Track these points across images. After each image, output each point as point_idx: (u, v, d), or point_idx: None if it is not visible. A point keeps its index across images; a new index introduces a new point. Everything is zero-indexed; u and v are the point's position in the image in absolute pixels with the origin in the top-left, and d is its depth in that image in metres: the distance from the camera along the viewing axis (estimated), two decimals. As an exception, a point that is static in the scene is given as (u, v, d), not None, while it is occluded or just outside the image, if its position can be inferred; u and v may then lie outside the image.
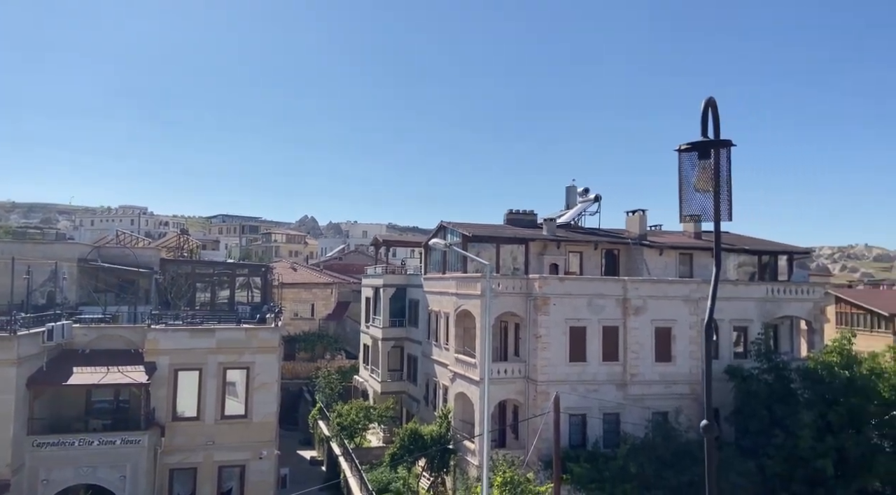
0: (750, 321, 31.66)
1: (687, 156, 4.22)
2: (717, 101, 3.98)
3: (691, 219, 4.39)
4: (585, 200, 38.76)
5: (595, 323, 29.04)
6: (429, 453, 28.57)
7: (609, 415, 28.61)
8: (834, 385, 26.53)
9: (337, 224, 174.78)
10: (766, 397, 27.20)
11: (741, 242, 37.90)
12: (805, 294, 33.15)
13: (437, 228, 38.09)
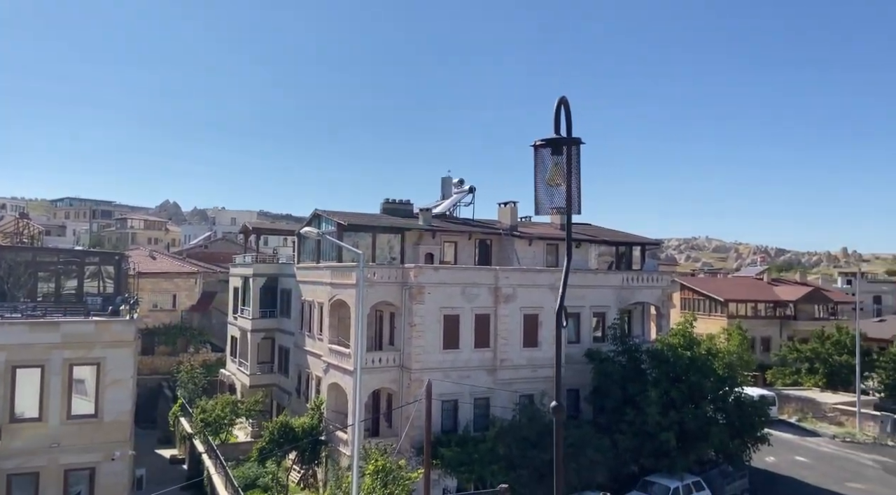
0: (608, 307, 34.03)
1: (541, 152, 4.44)
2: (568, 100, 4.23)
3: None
4: (460, 191, 39.61)
5: (468, 311, 29.85)
6: (300, 445, 28.01)
7: (480, 400, 29.61)
8: (677, 364, 29.25)
9: (203, 210, 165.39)
10: (620, 377, 29.42)
11: (601, 234, 40.56)
12: (655, 282, 36.17)
13: (311, 216, 37.22)
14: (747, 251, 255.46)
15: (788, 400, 47.62)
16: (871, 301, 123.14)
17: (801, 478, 32.97)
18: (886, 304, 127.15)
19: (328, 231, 33.62)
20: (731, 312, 64.15)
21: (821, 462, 36.26)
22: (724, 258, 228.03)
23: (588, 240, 38.48)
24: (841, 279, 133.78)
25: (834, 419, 44.59)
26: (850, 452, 38.63)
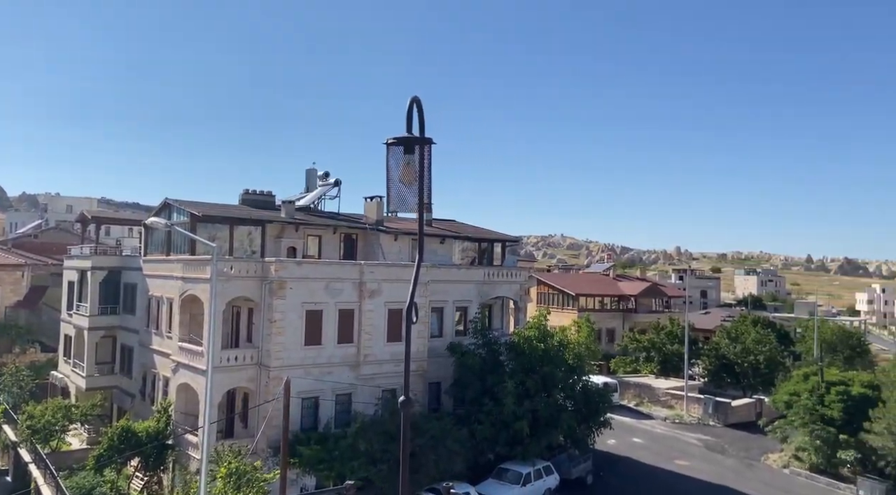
0: (470, 301, 35.03)
1: (393, 150, 4.42)
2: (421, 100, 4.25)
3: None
4: (326, 184, 38.78)
5: (332, 306, 29.32)
6: (143, 451, 26.02)
7: (342, 396, 29.24)
8: (532, 356, 30.79)
9: (33, 196, 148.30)
10: (479, 369, 30.43)
11: (465, 230, 41.64)
12: (514, 277, 37.80)
13: (160, 206, 34.61)
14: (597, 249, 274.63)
15: (628, 386, 51.93)
16: (698, 295, 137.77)
17: (637, 458, 36.12)
18: (711, 298, 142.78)
19: (180, 222, 31.46)
20: (582, 306, 68.76)
21: (654, 442, 39.97)
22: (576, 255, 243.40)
23: (452, 236, 39.33)
24: (674, 275, 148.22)
25: (666, 403, 49.33)
26: (679, 432, 42.96)
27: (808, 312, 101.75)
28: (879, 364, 64.21)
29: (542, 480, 28.78)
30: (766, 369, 51.87)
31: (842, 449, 33.91)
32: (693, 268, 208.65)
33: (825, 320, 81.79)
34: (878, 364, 64.16)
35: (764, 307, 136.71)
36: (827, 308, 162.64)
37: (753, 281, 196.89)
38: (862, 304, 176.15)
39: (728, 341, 54.74)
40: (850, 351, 63.09)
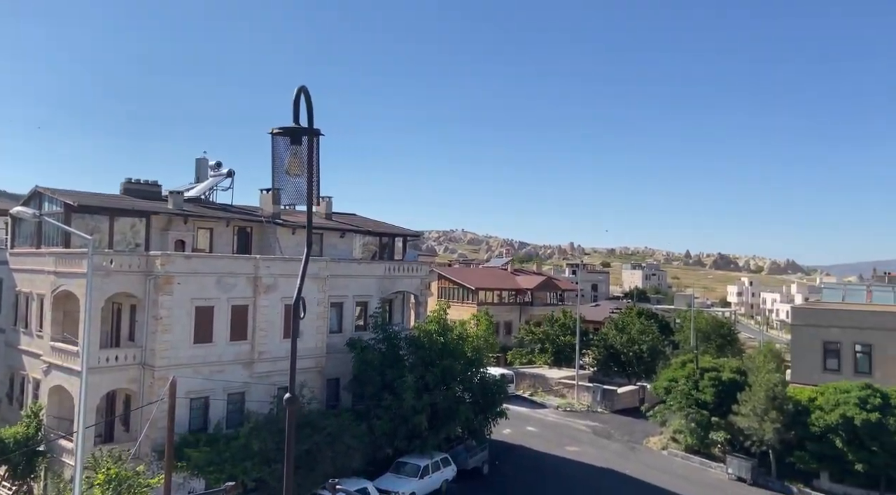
0: (371, 296, 34.78)
1: (280, 140, 4.26)
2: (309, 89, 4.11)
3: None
4: (218, 175, 37.05)
5: (224, 302, 28.11)
6: (10, 459, 23.82)
7: (234, 395, 28.16)
8: (432, 349, 31.07)
9: None
10: (379, 364, 30.32)
11: (366, 225, 41.27)
12: (415, 272, 37.93)
13: (30, 194, 31.72)
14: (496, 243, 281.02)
15: (524, 377, 53.69)
16: (590, 288, 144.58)
17: (531, 446, 37.44)
18: (601, 291, 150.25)
19: (53, 212, 28.98)
20: (481, 299, 70.23)
21: (546, 430, 41.59)
22: (477, 250, 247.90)
23: (352, 230, 38.84)
24: (568, 270, 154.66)
25: (559, 392, 51.46)
26: (570, 420, 44.95)
27: (686, 304, 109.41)
28: (747, 351, 70.26)
29: (440, 472, 29.17)
30: (648, 358, 55.36)
31: (713, 430, 36.80)
32: (585, 262, 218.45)
33: (701, 311, 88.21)
34: (745, 351, 70.21)
35: (648, 299, 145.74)
36: (702, 300, 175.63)
37: (639, 275, 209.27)
38: (732, 296, 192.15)
39: (615, 332, 57.92)
40: (722, 339, 68.52)
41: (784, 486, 33.53)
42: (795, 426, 32.72)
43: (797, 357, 40.21)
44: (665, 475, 33.81)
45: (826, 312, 40.30)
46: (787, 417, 32.67)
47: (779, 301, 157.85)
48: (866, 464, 30.51)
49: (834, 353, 38.36)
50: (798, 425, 32.66)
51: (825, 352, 38.64)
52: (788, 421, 32.69)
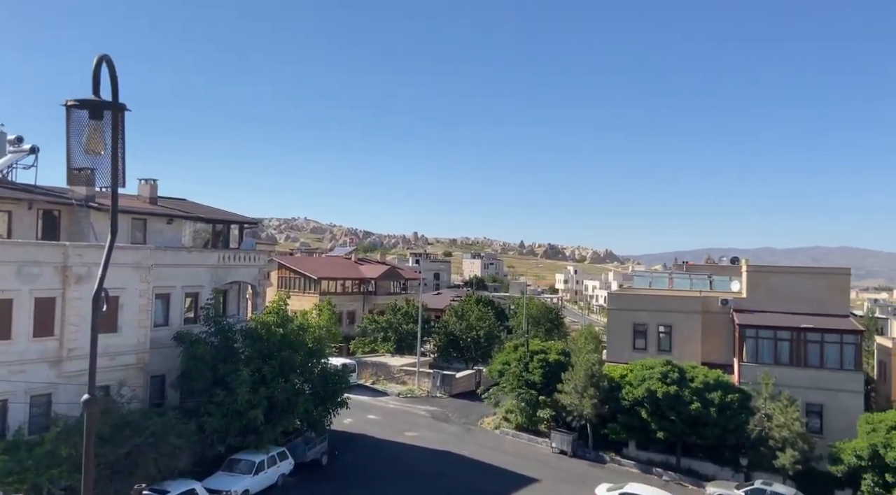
0: (202, 287, 32.70)
1: (76, 114, 3.83)
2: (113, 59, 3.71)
3: (81, 179, 4.00)
4: (18, 151, 32.56)
5: (26, 294, 24.89)
6: None
7: (39, 397, 25.12)
8: (270, 341, 30.01)
9: None
10: (211, 359, 28.67)
11: (197, 211, 38.67)
12: (252, 261, 36.32)
13: None
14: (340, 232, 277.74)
15: (366, 366, 53.83)
16: (432, 277, 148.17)
17: (372, 434, 37.71)
18: (443, 280, 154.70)
19: None
20: (324, 289, 69.11)
21: (388, 417, 42.14)
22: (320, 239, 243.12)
23: (181, 216, 36.21)
24: (412, 259, 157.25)
25: (400, 379, 52.30)
26: (410, 406, 45.92)
27: (520, 291, 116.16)
28: (571, 334, 76.45)
29: (277, 466, 28.37)
30: (485, 343, 58.19)
31: (541, 408, 39.63)
32: (428, 252, 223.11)
33: (532, 298, 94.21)
34: (570, 334, 76.36)
35: (486, 287, 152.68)
36: (534, 287, 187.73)
37: (478, 264, 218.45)
38: (560, 283, 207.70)
39: (455, 319, 60.10)
40: (550, 323, 73.79)
41: (598, 456, 37.08)
42: (609, 401, 36.25)
43: (612, 338, 44.54)
44: (497, 453, 35.82)
45: (636, 297, 45.02)
46: (602, 393, 36.08)
47: (598, 287, 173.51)
48: (666, 432, 34.66)
49: (642, 334, 43.06)
50: (612, 400, 36.22)
51: (635, 333, 43.23)
52: (604, 396, 36.13)
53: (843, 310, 39.01)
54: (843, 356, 35.91)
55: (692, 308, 42.07)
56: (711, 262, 63.62)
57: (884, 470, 29.00)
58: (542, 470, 33.35)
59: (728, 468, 34.47)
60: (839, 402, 35.03)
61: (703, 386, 33.83)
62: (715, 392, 33.51)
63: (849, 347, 35.88)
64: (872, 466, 29.43)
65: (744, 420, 32.97)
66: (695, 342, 41.64)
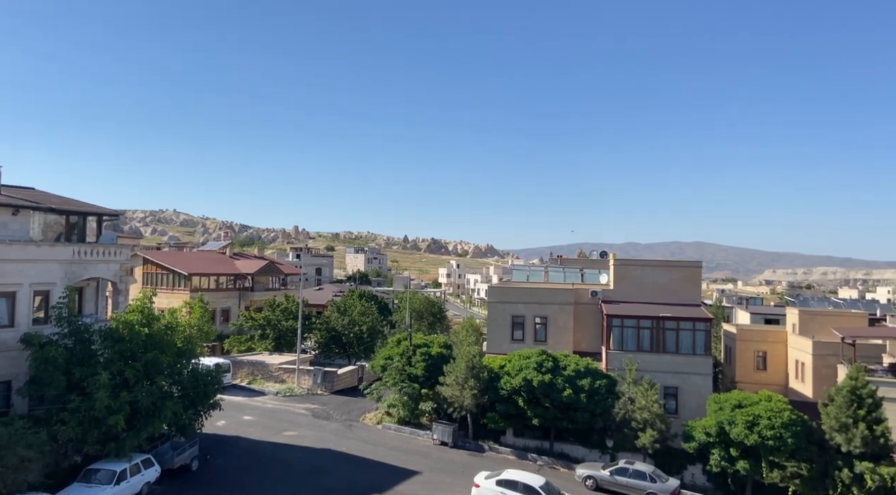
0: (54, 284, 29.75)
1: None
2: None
3: None
4: None
5: None
6: None
7: None
8: (134, 342, 27.91)
9: None
10: (64, 362, 26.19)
11: (48, 201, 35.06)
12: (112, 256, 33.53)
13: None
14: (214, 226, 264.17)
15: (242, 365, 51.65)
16: (314, 272, 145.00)
17: (247, 436, 36.23)
18: (325, 275, 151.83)
19: None
20: (195, 286, 65.37)
21: (265, 417, 40.69)
22: (192, 232, 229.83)
23: (29, 206, 32.67)
24: (292, 253, 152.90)
25: (279, 378, 50.69)
26: (289, 405, 44.66)
27: (403, 285, 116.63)
28: (453, 327, 77.94)
29: (141, 474, 26.44)
30: (368, 338, 57.81)
31: (423, 401, 40.01)
32: (310, 246, 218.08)
33: (415, 292, 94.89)
34: (452, 327, 77.81)
35: (369, 282, 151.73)
36: (417, 281, 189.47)
37: (361, 258, 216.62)
38: (443, 277, 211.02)
39: (338, 314, 59.17)
40: (433, 317, 74.81)
41: (478, 445, 38.09)
42: (489, 391, 37.31)
43: (492, 330, 45.87)
44: (379, 447, 35.74)
45: (514, 290, 46.65)
46: (482, 384, 37.06)
47: (480, 281, 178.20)
48: (541, 419, 36.26)
49: (520, 325, 44.72)
50: (491, 390, 37.31)
51: (513, 325, 44.82)
52: (483, 387, 37.13)
53: (695, 299, 42.74)
54: (695, 342, 39.35)
55: (565, 299, 44.27)
56: (583, 256, 67.29)
57: (729, 444, 32.15)
58: (423, 463, 33.70)
59: (596, 450, 36.69)
60: (692, 384, 38.40)
61: (574, 374, 35.71)
62: (585, 379, 35.50)
63: (700, 334, 39.37)
64: (719, 442, 32.53)
65: (610, 404, 35.20)
66: (568, 332, 43.89)
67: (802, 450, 30.51)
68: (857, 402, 29.67)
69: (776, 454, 30.65)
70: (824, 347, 43.65)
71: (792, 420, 30.77)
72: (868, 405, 29.57)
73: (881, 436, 29.25)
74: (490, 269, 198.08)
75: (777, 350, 50.45)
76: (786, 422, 30.48)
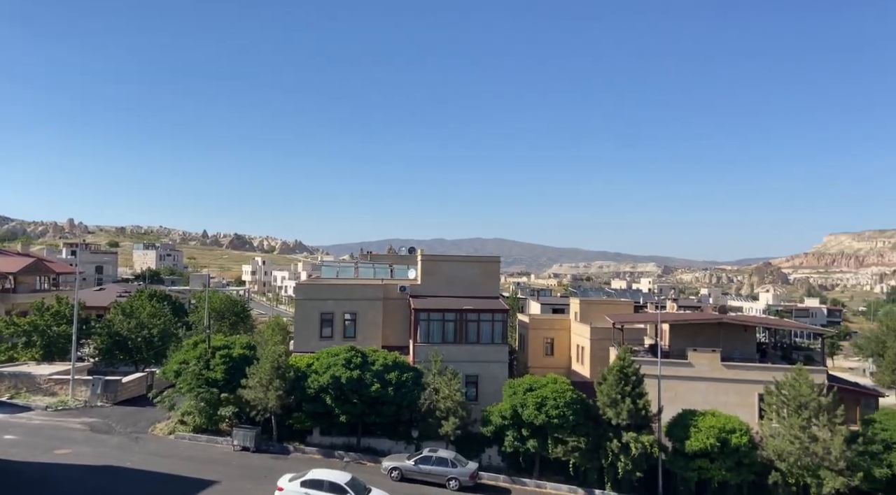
0: None
1: None
2: None
3: None
4: None
5: None
6: None
7: None
8: None
9: None
10: None
11: None
12: None
13: None
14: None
15: (2, 377, 44.31)
16: (93, 271, 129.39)
17: (8, 457, 31.08)
18: (108, 274, 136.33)
19: None
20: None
21: (31, 435, 35.27)
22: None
23: None
24: (66, 250, 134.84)
25: (49, 390, 44.29)
26: (63, 420, 39.22)
27: (202, 284, 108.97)
28: (258, 326, 74.63)
29: None
30: (159, 342, 52.88)
31: (223, 406, 37.63)
32: (88, 242, 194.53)
33: (216, 291, 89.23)
34: (257, 327, 74.44)
35: (162, 281, 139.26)
36: (219, 279, 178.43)
37: (153, 255, 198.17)
38: (247, 275, 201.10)
39: (122, 317, 53.33)
40: (236, 317, 70.96)
41: (283, 447, 36.80)
42: (295, 391, 36.22)
43: (299, 328, 44.63)
44: (170, 460, 32.84)
45: (323, 287, 45.88)
46: (288, 384, 35.85)
47: (287, 278, 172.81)
48: (349, 415, 36.07)
49: (328, 322, 44.10)
50: (297, 389, 36.25)
51: (322, 322, 44.06)
52: (290, 387, 35.95)
53: (495, 292, 45.65)
54: (493, 332, 42.01)
55: (375, 295, 44.58)
56: (393, 252, 68.40)
57: (521, 425, 34.81)
58: (221, 471, 31.65)
59: (402, 442, 37.47)
60: (490, 372, 40.94)
61: (382, 368, 36.08)
62: (393, 372, 36.05)
63: (498, 324, 42.12)
64: (513, 424, 35.09)
65: (416, 396, 36.18)
66: (377, 327, 44.25)
67: (581, 426, 34.02)
68: (625, 380, 33.86)
69: (560, 431, 33.83)
70: (600, 332, 49.33)
71: (573, 399, 34.17)
72: (633, 382, 33.91)
73: (643, 409, 33.73)
74: (299, 266, 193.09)
75: (562, 336, 55.94)
76: (568, 402, 33.75)
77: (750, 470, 32.39)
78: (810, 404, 31.00)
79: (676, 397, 37.78)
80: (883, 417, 33.90)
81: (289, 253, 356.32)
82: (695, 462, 32.63)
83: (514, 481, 34.93)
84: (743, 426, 32.92)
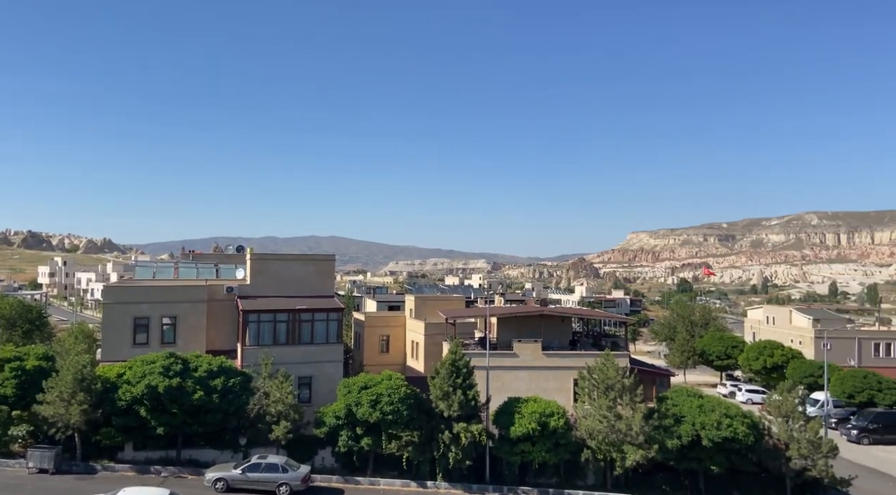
0: None
1: None
2: None
3: None
4: None
5: None
6: None
7: None
8: None
9: None
10: None
11: None
12: None
13: None
14: None
15: None
16: None
17: None
18: None
19: None
20: None
21: None
22: None
23: None
24: None
25: None
26: None
27: None
28: (59, 334, 66.40)
29: None
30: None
31: (14, 425, 32.98)
32: None
33: (5, 295, 78.35)
34: (56, 335, 66.18)
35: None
36: (9, 282, 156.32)
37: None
38: (44, 277, 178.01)
39: None
40: (30, 325, 62.71)
41: (89, 466, 33.12)
42: (103, 404, 32.75)
43: (108, 335, 40.43)
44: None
45: (137, 289, 41.97)
46: (95, 397, 32.33)
47: (94, 280, 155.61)
48: (167, 426, 33.34)
49: (143, 328, 40.45)
50: (106, 402, 32.81)
51: (135, 327, 40.28)
52: (96, 400, 32.43)
53: (329, 291, 44.93)
54: (328, 331, 41.34)
55: (198, 297, 41.72)
56: (219, 251, 64.45)
57: (356, 424, 34.65)
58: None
59: (229, 450, 35.49)
60: (325, 372, 40.26)
61: (207, 375, 33.84)
62: (218, 378, 33.97)
63: (333, 323, 41.53)
64: (348, 423, 34.80)
65: (244, 401, 34.45)
66: (200, 331, 41.46)
67: (415, 420, 34.71)
68: (456, 373, 35.14)
69: (394, 427, 34.22)
70: (433, 328, 50.70)
71: (407, 394, 34.74)
72: (464, 374, 35.31)
73: (472, 400, 35.27)
74: (108, 266, 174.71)
75: (398, 333, 56.68)
76: (402, 397, 34.25)
77: (566, 449, 35.21)
78: (616, 386, 34.49)
79: (503, 386, 39.98)
80: (673, 394, 38.65)
81: (96, 252, 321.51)
82: (518, 446, 34.75)
83: (348, 481, 34.70)
84: (560, 409, 35.71)
